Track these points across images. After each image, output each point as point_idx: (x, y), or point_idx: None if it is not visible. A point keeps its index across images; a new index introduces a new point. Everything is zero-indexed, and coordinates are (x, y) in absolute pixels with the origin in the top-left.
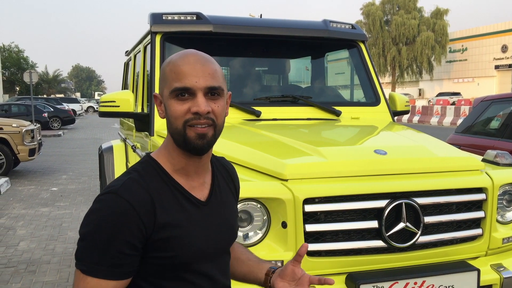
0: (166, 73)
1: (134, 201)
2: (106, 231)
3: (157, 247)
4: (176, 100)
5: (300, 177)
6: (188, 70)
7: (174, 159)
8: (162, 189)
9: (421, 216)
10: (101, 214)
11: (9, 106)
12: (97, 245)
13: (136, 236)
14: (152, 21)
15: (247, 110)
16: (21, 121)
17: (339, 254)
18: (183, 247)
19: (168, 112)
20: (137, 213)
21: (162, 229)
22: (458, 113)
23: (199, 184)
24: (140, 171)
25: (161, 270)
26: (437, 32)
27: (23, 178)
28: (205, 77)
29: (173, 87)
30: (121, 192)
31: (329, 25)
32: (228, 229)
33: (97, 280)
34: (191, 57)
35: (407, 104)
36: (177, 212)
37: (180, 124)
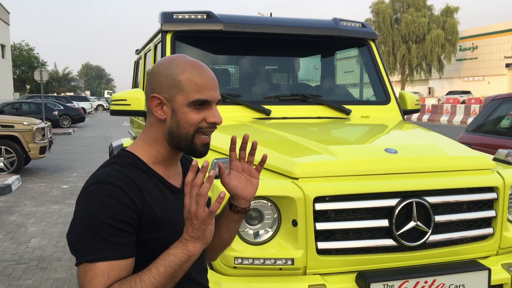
0: (181, 81)
1: (123, 186)
2: (102, 215)
3: (146, 229)
4: (194, 109)
5: (311, 175)
6: (209, 84)
7: (157, 153)
8: (143, 178)
9: (432, 215)
10: (92, 202)
11: (20, 104)
12: (97, 232)
13: (131, 215)
14: (162, 20)
15: (257, 109)
16: (32, 119)
17: (350, 253)
18: (168, 228)
19: (180, 118)
20: (128, 196)
21: (150, 212)
22: (468, 112)
23: (174, 173)
24: (120, 162)
25: (148, 253)
26: (447, 30)
27: (34, 175)
28: (217, 91)
29: (194, 98)
30: (109, 179)
31: (339, 23)
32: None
33: (108, 263)
34: (207, 72)
35: (418, 102)
36: (160, 198)
37: (192, 130)
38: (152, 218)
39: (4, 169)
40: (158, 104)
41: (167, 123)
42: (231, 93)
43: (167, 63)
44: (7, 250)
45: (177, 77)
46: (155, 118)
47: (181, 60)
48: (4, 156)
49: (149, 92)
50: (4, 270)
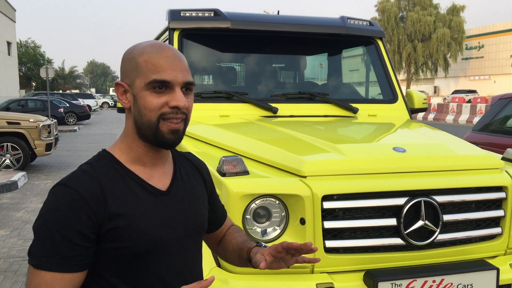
0: (139, 63)
1: (82, 191)
2: (56, 222)
3: (110, 237)
4: (152, 92)
5: (319, 174)
6: (168, 64)
7: (132, 151)
8: (115, 179)
9: (440, 214)
10: (50, 206)
11: (26, 102)
12: (48, 238)
13: (86, 225)
14: (170, 18)
15: (264, 107)
16: (38, 116)
17: (357, 251)
18: (136, 236)
19: (140, 103)
20: (86, 202)
21: (114, 219)
22: (474, 111)
23: (158, 173)
24: (93, 163)
25: (120, 262)
26: (453, 29)
27: (40, 172)
28: (183, 72)
29: (151, 78)
30: (70, 182)
31: (346, 21)
32: (192, 218)
33: (51, 274)
34: (168, 51)
35: (425, 101)
36: (130, 201)
37: (154, 116)
38: (116, 226)
39: (10, 166)
40: (123, 92)
41: (132, 112)
42: (238, 91)
43: (131, 48)
44: (13, 246)
45: (136, 59)
46: (127, 110)
47: (143, 44)
48: (10, 153)
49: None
50: (10, 266)
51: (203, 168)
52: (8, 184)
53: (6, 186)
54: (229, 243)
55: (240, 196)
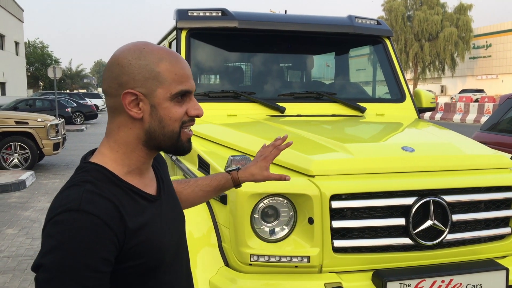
0: (161, 72)
1: (101, 213)
2: (78, 252)
3: (130, 256)
4: (176, 102)
5: (327, 173)
6: (188, 73)
7: (131, 161)
8: (119, 194)
9: (449, 214)
10: (68, 236)
11: (34, 101)
12: (70, 272)
13: (111, 250)
14: (178, 17)
15: (271, 106)
16: (46, 115)
17: (366, 251)
18: (154, 248)
19: (163, 114)
20: (108, 225)
21: (134, 236)
22: (481, 110)
23: (148, 180)
24: (93, 180)
25: (135, 279)
26: (461, 28)
27: (48, 171)
28: (193, 80)
29: (177, 89)
30: (84, 206)
31: (354, 21)
32: (181, 217)
33: None
34: (182, 60)
35: (433, 101)
36: (139, 214)
37: (178, 126)
38: (136, 243)
39: (19, 165)
40: (133, 100)
41: (145, 122)
42: (245, 91)
43: (137, 52)
44: (21, 245)
45: (155, 67)
46: (126, 118)
47: (152, 48)
48: (19, 152)
49: (115, 87)
50: (19, 265)
51: (161, 161)
52: (16, 183)
53: (14, 185)
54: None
55: (248, 196)
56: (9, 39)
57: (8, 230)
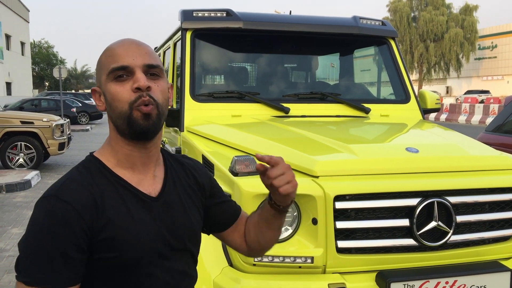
0: (102, 61)
1: (74, 202)
2: (49, 236)
3: (102, 248)
4: (115, 82)
5: (331, 174)
6: (124, 51)
7: (117, 152)
8: (105, 187)
9: (453, 215)
10: (41, 220)
11: (39, 101)
12: (41, 253)
13: (81, 237)
14: (182, 18)
15: (275, 107)
16: (51, 115)
17: (370, 252)
18: (127, 245)
19: (109, 97)
20: (79, 213)
21: (105, 228)
22: (487, 111)
23: (149, 178)
24: (81, 170)
25: (111, 272)
26: (466, 29)
27: (53, 171)
28: (142, 56)
29: (110, 68)
30: (60, 193)
31: (359, 21)
32: (184, 224)
33: None
34: (126, 40)
35: (438, 101)
36: (120, 210)
37: (125, 106)
38: (109, 236)
39: (24, 165)
40: (98, 96)
41: (108, 112)
42: (250, 91)
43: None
44: None
45: (100, 58)
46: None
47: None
48: (24, 152)
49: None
50: None
51: (198, 171)
52: (21, 183)
53: (19, 185)
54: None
55: (252, 196)
56: (15, 39)
57: (14, 230)
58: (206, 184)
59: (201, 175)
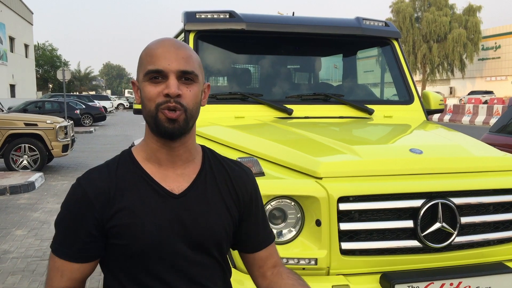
0: (142, 58)
1: (90, 189)
2: (68, 217)
3: (113, 234)
4: (150, 83)
5: (335, 175)
6: (162, 53)
7: (148, 147)
8: (125, 178)
9: (458, 217)
10: (66, 201)
11: (43, 103)
12: (62, 230)
13: (91, 222)
14: (186, 20)
15: (279, 108)
16: (55, 117)
17: (374, 253)
18: (134, 235)
19: (142, 95)
20: (91, 201)
21: (115, 217)
22: (490, 112)
23: (175, 174)
24: (110, 161)
25: (123, 258)
26: (470, 29)
27: (57, 173)
28: (178, 61)
29: (147, 69)
30: (82, 180)
31: (362, 22)
32: (205, 224)
33: (62, 261)
34: (166, 41)
35: (441, 102)
36: (133, 201)
37: (153, 106)
38: (116, 224)
39: (28, 167)
40: (136, 89)
41: (142, 107)
42: (253, 92)
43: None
44: (31, 246)
45: (141, 55)
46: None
47: (153, 40)
48: (28, 154)
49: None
50: (28, 266)
51: (240, 182)
52: (25, 185)
53: (23, 187)
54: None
55: None
56: (19, 42)
57: (18, 231)
58: (242, 197)
59: (240, 186)
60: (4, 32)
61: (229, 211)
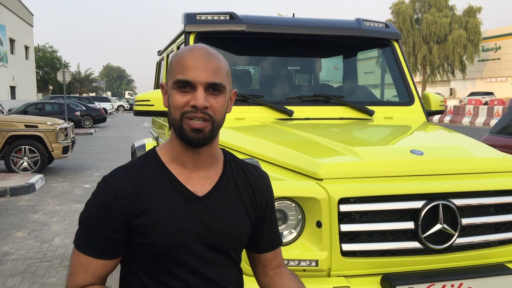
0: (172, 65)
1: (117, 187)
2: (94, 215)
3: (137, 233)
4: (178, 91)
5: (335, 176)
6: (192, 64)
7: (172, 149)
8: (151, 179)
9: (459, 218)
10: (92, 198)
11: (43, 105)
12: (88, 226)
13: (117, 219)
14: (186, 21)
15: (279, 109)
16: (55, 119)
17: (375, 255)
18: (157, 235)
19: (169, 102)
20: (119, 198)
21: (140, 216)
22: (491, 113)
23: (199, 177)
24: (135, 161)
25: (145, 257)
26: (470, 31)
27: (57, 175)
28: (207, 73)
29: (176, 78)
30: (109, 178)
31: (362, 24)
32: (224, 229)
33: (86, 257)
34: (197, 51)
35: (442, 103)
36: (158, 200)
37: (178, 115)
38: (142, 223)
39: (28, 169)
40: (164, 92)
41: (168, 111)
42: (253, 94)
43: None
44: (31, 248)
45: (171, 61)
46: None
47: (185, 47)
48: (28, 155)
49: None
50: (28, 268)
51: (258, 186)
52: (25, 187)
53: (23, 189)
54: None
55: None
56: (19, 44)
57: (18, 233)
58: (260, 202)
59: (258, 190)
60: (5, 34)
61: (248, 215)
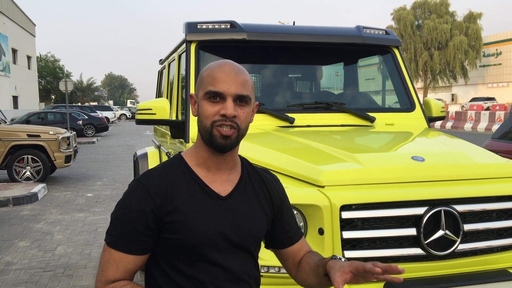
0: (203, 77)
1: (149, 186)
2: (127, 212)
3: (167, 229)
4: (209, 101)
5: (337, 183)
6: (223, 77)
7: (198, 154)
8: (180, 180)
9: (461, 224)
10: (125, 197)
11: (45, 114)
12: (119, 223)
13: (150, 216)
14: (187, 30)
15: (280, 117)
16: (57, 128)
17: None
18: (187, 230)
19: (200, 111)
20: (151, 196)
21: (171, 213)
22: (492, 118)
23: (221, 179)
24: (165, 163)
25: (174, 252)
26: (471, 36)
27: (60, 184)
28: (236, 86)
29: (207, 89)
30: (141, 178)
31: (362, 31)
32: (245, 227)
33: (119, 253)
34: (227, 66)
35: (443, 109)
36: (187, 199)
37: (209, 123)
38: (173, 220)
39: (31, 178)
40: (194, 102)
41: (198, 119)
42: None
43: (206, 66)
44: (34, 257)
45: (202, 74)
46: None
47: (214, 62)
48: (31, 165)
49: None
50: (31, 278)
51: (272, 186)
52: (28, 196)
53: (26, 198)
54: (306, 264)
55: None
56: (22, 54)
57: (21, 243)
58: (276, 201)
59: (273, 192)
60: (7, 44)
61: (265, 214)
